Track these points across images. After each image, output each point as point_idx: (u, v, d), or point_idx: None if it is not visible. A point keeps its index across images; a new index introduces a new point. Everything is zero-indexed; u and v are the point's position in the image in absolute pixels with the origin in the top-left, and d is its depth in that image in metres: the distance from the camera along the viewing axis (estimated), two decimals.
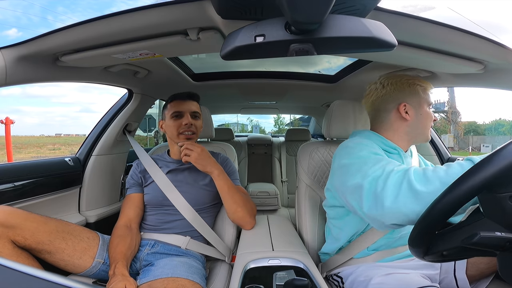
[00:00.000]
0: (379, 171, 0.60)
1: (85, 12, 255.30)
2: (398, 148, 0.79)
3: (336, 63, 1.40)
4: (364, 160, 0.66)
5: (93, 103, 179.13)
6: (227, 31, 0.61)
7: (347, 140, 0.80)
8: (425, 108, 0.79)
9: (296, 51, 0.43)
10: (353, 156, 0.70)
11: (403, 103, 0.78)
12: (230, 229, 1.01)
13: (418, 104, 0.78)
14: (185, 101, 1.00)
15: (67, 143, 23.69)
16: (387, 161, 0.64)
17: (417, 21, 0.57)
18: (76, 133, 53.85)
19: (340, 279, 0.79)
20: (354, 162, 0.68)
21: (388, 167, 0.60)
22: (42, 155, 14.88)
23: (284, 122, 26.82)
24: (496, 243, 0.41)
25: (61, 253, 0.75)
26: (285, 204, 2.33)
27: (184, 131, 0.97)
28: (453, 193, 0.42)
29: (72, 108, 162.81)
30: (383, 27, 0.42)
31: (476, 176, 0.40)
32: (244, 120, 24.69)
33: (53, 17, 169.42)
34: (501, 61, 0.70)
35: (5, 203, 0.86)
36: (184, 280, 0.72)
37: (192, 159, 0.89)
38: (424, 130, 0.79)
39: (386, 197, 0.55)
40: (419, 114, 0.78)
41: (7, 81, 0.69)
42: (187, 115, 0.98)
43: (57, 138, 33.28)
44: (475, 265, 0.70)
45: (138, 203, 0.97)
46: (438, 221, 0.45)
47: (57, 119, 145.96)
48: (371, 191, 0.59)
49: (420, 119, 0.78)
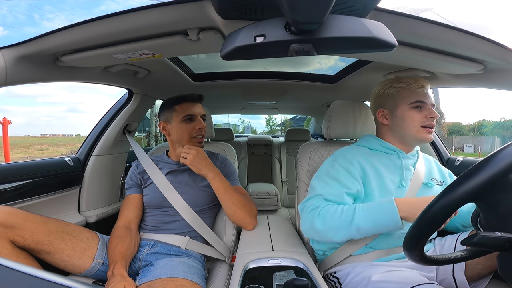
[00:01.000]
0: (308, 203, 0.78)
1: (72, 11, 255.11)
2: (397, 149, 0.83)
3: (327, 64, 1.43)
4: (312, 185, 0.83)
5: (80, 102, 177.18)
6: (227, 31, 0.61)
7: (335, 152, 0.89)
8: (402, 109, 0.80)
9: (296, 51, 0.43)
10: (317, 173, 0.86)
11: (380, 109, 0.86)
12: (230, 229, 1.01)
13: (394, 106, 0.82)
14: (196, 104, 0.99)
15: (54, 144, 23.25)
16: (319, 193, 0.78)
17: (417, 21, 0.57)
18: (63, 133, 51.76)
19: (336, 280, 0.79)
20: (311, 183, 0.85)
21: (311, 202, 0.77)
22: (30, 156, 14.71)
23: (276, 122, 26.97)
24: (496, 243, 0.41)
25: (60, 253, 0.75)
26: (285, 204, 2.33)
27: (197, 135, 0.96)
28: (445, 198, 0.43)
29: (58, 108, 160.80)
30: (383, 27, 0.42)
31: (467, 183, 0.41)
32: (236, 121, 24.70)
33: (40, 16, 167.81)
34: (501, 61, 0.70)
35: (4, 203, 0.86)
36: (184, 280, 0.72)
37: (187, 162, 0.89)
38: (407, 130, 0.80)
39: (301, 223, 0.78)
40: (395, 117, 0.82)
41: (7, 81, 0.69)
42: (199, 118, 0.98)
43: (43, 139, 32.27)
44: (472, 267, 0.70)
45: (137, 204, 0.96)
46: (432, 225, 0.45)
47: (42, 119, 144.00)
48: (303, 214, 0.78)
49: (397, 120, 0.81)
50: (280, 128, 25.96)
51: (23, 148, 18.71)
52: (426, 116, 0.77)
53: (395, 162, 0.82)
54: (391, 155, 0.83)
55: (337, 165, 0.81)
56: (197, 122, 0.97)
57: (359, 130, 1.03)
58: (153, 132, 6.61)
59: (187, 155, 0.90)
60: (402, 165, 0.81)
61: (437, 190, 0.82)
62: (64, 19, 27.73)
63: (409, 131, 0.79)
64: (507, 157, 0.40)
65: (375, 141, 0.86)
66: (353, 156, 0.82)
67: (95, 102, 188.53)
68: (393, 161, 0.82)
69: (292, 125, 28.21)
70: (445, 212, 0.43)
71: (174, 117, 0.97)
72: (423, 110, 0.78)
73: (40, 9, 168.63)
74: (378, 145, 0.85)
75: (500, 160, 0.40)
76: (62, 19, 24.59)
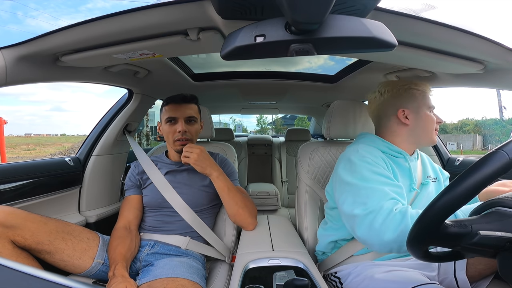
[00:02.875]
0: (377, 205, 0.63)
1: (57, 8, 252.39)
2: (403, 152, 0.81)
3: (316, 63, 1.45)
4: (365, 185, 0.69)
5: (65, 101, 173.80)
6: (227, 31, 0.61)
7: (353, 148, 0.80)
8: (424, 111, 0.80)
9: (296, 51, 0.43)
10: (355, 176, 0.72)
11: (402, 108, 0.81)
12: (230, 229, 1.01)
13: (417, 108, 0.80)
14: (180, 105, 0.95)
15: (40, 143, 22.48)
16: (384, 193, 0.66)
17: (417, 21, 0.57)
18: (47, 132, 49.98)
19: (337, 279, 0.79)
20: (355, 184, 0.70)
21: (387, 204, 0.63)
22: (18, 156, 14.48)
23: (267, 121, 27.11)
24: (496, 243, 0.41)
25: (60, 254, 0.75)
26: (285, 204, 2.33)
27: (179, 139, 0.94)
28: (451, 193, 0.42)
29: (42, 107, 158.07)
30: (383, 27, 0.42)
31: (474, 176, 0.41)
32: (227, 120, 24.71)
33: (24, 13, 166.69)
34: (501, 61, 0.70)
35: (5, 203, 0.86)
36: (184, 280, 0.72)
37: (191, 161, 0.88)
38: (426, 133, 0.80)
39: (385, 232, 0.60)
40: (418, 118, 0.80)
41: (7, 81, 0.69)
42: (181, 121, 0.94)
43: (28, 138, 30.97)
44: (473, 266, 0.70)
45: (136, 205, 0.96)
46: (437, 221, 0.45)
47: (26, 118, 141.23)
48: (366, 222, 0.64)
49: (420, 122, 0.80)
50: (271, 127, 26.12)
51: (9, 148, 18.13)
52: (437, 120, 0.81)
53: (403, 166, 0.80)
54: (398, 158, 0.81)
55: (371, 160, 0.74)
56: (177, 125, 0.94)
57: (359, 130, 1.03)
58: (144, 131, 6.61)
59: (190, 154, 0.88)
60: (410, 168, 0.79)
61: (432, 187, 0.82)
62: (49, 17, 27.34)
63: (428, 133, 0.80)
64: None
65: (381, 142, 0.82)
66: (378, 156, 0.77)
67: (80, 100, 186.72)
68: (401, 164, 0.80)
69: (283, 123, 27.93)
70: (449, 209, 0.43)
71: (162, 118, 0.98)
72: (434, 115, 0.81)
73: (25, 6, 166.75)
74: (385, 147, 0.81)
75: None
76: (46, 17, 24.28)
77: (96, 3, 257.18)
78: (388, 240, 0.60)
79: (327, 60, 1.31)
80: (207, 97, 1.84)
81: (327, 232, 0.88)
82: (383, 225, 0.61)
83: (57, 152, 14.15)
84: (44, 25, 54.41)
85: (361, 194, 0.68)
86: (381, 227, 0.61)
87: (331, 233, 0.86)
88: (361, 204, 0.66)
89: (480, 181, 0.40)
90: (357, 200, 0.67)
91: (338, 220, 0.84)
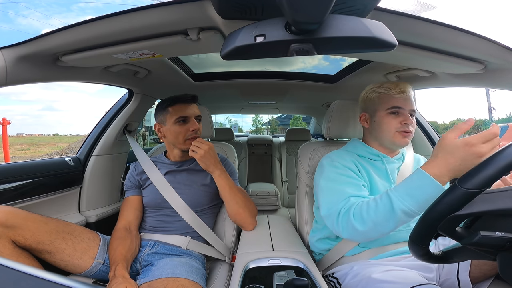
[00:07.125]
0: (334, 207, 0.71)
1: (49, 7, 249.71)
2: (381, 154, 0.84)
3: (310, 63, 1.46)
4: (329, 186, 0.77)
5: (56, 101, 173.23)
6: (227, 31, 0.60)
7: (328, 154, 0.88)
8: (380, 113, 0.82)
9: (296, 51, 0.43)
10: (323, 178, 0.80)
11: (362, 113, 0.89)
12: (230, 229, 1.01)
13: (374, 111, 0.84)
14: (189, 105, 0.96)
15: (34, 143, 22.13)
16: (343, 193, 0.73)
17: (417, 21, 0.57)
18: (39, 132, 48.74)
19: (336, 280, 0.79)
20: (323, 186, 0.79)
21: (340, 205, 0.70)
22: (14, 156, 14.33)
23: (262, 121, 27.20)
24: (496, 243, 0.41)
25: (61, 253, 0.75)
26: (285, 204, 2.33)
27: (193, 137, 0.94)
28: (455, 192, 0.42)
29: (34, 106, 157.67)
30: (383, 27, 0.42)
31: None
32: (222, 119, 24.68)
33: (15, 12, 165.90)
34: (501, 61, 0.70)
35: (5, 203, 0.86)
36: (184, 280, 0.72)
37: (197, 156, 0.88)
38: (385, 135, 0.81)
39: (342, 232, 0.69)
40: (373, 121, 0.84)
41: (8, 81, 0.69)
42: (194, 120, 0.95)
43: (20, 138, 30.88)
44: (478, 267, 0.70)
45: (136, 205, 0.96)
46: (440, 221, 0.44)
47: (17, 118, 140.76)
48: (329, 222, 0.73)
49: (375, 125, 0.84)
50: (267, 127, 26.25)
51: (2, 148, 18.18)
52: (401, 122, 0.79)
53: (380, 168, 0.83)
54: (375, 161, 0.84)
55: (338, 164, 0.81)
56: (191, 123, 0.95)
57: (359, 130, 1.03)
58: (141, 131, 6.62)
59: (197, 149, 0.88)
60: (387, 170, 0.82)
61: None
62: (40, 16, 27.23)
63: (385, 135, 0.81)
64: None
65: (362, 146, 0.87)
66: (349, 160, 0.82)
67: (72, 100, 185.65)
68: (378, 166, 0.83)
69: (279, 124, 27.89)
70: (452, 208, 0.43)
71: (167, 119, 0.95)
72: (399, 116, 0.80)
73: (16, 5, 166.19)
74: (364, 151, 0.86)
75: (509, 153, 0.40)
76: (38, 16, 24.19)
77: (88, 2, 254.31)
78: (348, 236, 0.68)
79: (321, 60, 1.31)
80: (207, 97, 1.84)
81: (313, 233, 0.93)
82: (339, 226, 0.69)
83: (53, 152, 14.05)
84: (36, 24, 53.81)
85: (325, 195, 0.76)
86: (338, 227, 0.69)
87: (315, 234, 0.92)
88: (326, 204, 0.74)
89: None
90: (324, 201, 0.76)
91: (321, 220, 0.88)
